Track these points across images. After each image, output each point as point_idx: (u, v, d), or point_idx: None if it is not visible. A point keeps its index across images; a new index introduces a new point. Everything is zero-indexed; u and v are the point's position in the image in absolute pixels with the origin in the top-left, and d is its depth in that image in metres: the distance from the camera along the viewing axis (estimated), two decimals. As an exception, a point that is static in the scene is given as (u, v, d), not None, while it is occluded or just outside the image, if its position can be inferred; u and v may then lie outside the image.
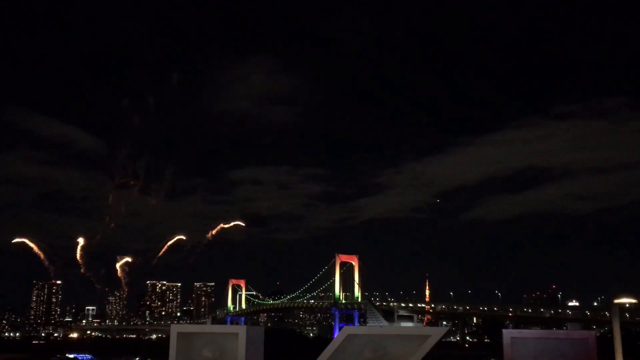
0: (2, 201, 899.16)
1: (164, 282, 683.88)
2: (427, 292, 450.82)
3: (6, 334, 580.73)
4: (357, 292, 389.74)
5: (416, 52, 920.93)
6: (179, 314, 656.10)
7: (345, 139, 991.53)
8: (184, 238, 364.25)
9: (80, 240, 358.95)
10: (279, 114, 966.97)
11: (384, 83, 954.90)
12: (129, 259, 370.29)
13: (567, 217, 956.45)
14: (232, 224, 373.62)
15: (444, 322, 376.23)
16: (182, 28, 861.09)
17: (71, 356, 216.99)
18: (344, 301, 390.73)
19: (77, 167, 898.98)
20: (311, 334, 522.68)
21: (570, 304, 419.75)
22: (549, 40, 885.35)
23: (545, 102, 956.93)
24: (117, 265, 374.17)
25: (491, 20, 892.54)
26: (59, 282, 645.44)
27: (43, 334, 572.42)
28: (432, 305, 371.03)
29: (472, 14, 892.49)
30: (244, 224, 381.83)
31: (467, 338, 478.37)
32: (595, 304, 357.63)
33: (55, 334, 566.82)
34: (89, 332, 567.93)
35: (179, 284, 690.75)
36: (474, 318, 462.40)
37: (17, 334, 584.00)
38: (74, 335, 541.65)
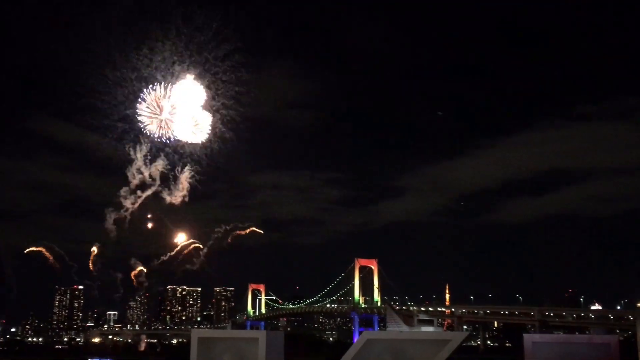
0: (25, 207, 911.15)
1: (184, 287, 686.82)
2: (447, 296, 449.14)
3: (29, 339, 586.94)
4: (376, 296, 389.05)
5: (436, 54, 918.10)
6: (199, 319, 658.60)
7: (364, 142, 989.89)
8: (200, 245, 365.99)
9: (95, 249, 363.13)
10: (298, 119, 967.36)
11: (404, 86, 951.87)
12: (143, 268, 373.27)
13: (589, 220, 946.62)
14: (248, 230, 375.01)
15: (464, 327, 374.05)
16: (200, 32, 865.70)
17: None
18: (363, 305, 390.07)
19: (97, 172, 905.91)
20: (331, 339, 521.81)
21: (593, 307, 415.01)
22: (570, 40, 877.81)
23: (567, 103, 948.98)
24: (132, 275, 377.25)
25: (511, 21, 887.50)
26: (80, 287, 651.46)
27: (65, 339, 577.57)
28: (452, 310, 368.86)
29: (492, 15, 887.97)
30: (261, 231, 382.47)
31: (488, 342, 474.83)
32: (618, 307, 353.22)
33: (77, 339, 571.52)
34: (110, 336, 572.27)
35: (199, 289, 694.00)
36: (495, 322, 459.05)
37: (40, 339, 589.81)
38: (96, 340, 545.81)
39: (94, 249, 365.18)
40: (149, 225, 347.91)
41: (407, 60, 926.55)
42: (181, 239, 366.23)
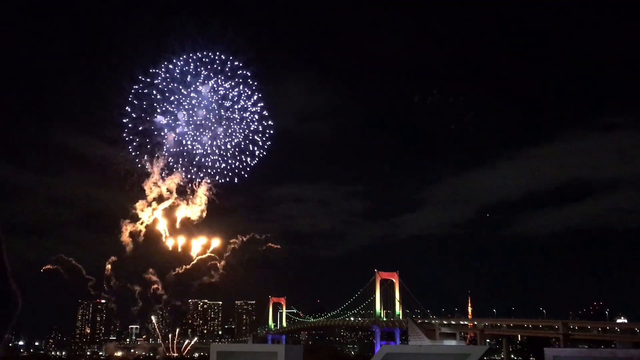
0: (51, 222, 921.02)
1: (206, 301, 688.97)
2: (470, 309, 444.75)
3: (53, 353, 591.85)
4: (397, 309, 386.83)
5: (455, 65, 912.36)
6: (220, 332, 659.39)
7: (386, 154, 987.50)
8: (217, 258, 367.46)
9: (109, 264, 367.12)
10: (319, 131, 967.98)
11: (424, 97, 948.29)
12: (157, 286, 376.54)
13: (613, 232, 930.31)
14: (265, 247, 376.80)
15: (487, 340, 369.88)
16: (219, 45, 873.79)
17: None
18: (384, 319, 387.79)
19: (120, 186, 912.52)
20: (352, 352, 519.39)
21: (619, 320, 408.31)
22: (593, 49, 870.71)
23: (591, 113, 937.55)
24: (152, 288, 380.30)
25: (532, 30, 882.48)
26: (103, 301, 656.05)
27: (88, 353, 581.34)
28: (475, 323, 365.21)
29: (511, 26, 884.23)
30: (278, 245, 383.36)
31: (512, 356, 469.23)
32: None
33: (100, 353, 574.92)
34: (132, 350, 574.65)
35: (220, 303, 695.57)
36: (519, 336, 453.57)
37: (64, 353, 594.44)
38: (119, 354, 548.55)
39: (109, 264, 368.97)
40: (164, 238, 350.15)
41: (428, 71, 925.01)
42: (197, 251, 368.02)
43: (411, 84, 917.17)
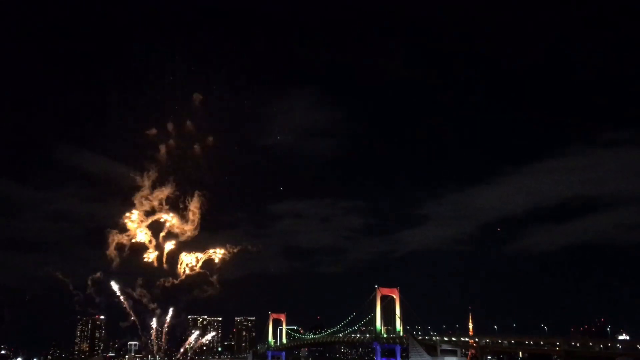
0: (52, 237, 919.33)
1: (205, 317, 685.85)
2: (471, 326, 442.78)
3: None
4: (398, 325, 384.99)
5: (458, 80, 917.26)
6: (220, 349, 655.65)
7: (387, 170, 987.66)
8: (208, 274, 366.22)
9: (92, 278, 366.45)
10: (320, 147, 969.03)
11: (426, 113, 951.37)
12: (145, 300, 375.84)
13: (616, 248, 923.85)
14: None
15: (489, 357, 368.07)
16: (223, 62, 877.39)
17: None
18: (385, 335, 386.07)
19: (122, 202, 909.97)
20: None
21: (621, 337, 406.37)
22: (596, 65, 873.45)
23: (593, 130, 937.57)
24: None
25: (535, 45, 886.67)
26: (102, 317, 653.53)
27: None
28: (476, 339, 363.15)
29: (514, 40, 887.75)
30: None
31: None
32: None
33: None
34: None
35: (220, 318, 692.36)
36: (520, 352, 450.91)
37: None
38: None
39: (96, 277, 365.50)
40: (152, 251, 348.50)
41: (430, 87, 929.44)
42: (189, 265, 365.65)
43: (414, 101, 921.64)
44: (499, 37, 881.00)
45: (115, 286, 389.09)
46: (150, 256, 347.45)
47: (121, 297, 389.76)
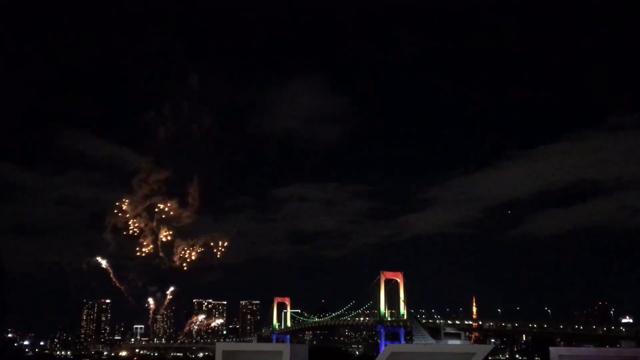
0: (56, 222, 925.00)
1: (210, 301, 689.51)
2: (475, 309, 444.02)
3: (58, 352, 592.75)
4: (402, 309, 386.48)
5: (463, 66, 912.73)
6: (225, 332, 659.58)
7: (391, 155, 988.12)
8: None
9: (103, 262, 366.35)
10: (325, 133, 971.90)
11: (431, 98, 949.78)
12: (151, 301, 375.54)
13: (621, 231, 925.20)
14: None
15: (492, 340, 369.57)
16: (230, 49, 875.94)
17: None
18: (389, 319, 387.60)
19: (126, 187, 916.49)
20: (357, 352, 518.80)
21: (624, 320, 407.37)
22: (601, 51, 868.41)
23: (599, 114, 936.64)
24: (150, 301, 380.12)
25: (540, 33, 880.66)
26: (107, 301, 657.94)
27: (93, 352, 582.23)
28: (480, 323, 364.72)
29: (519, 28, 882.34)
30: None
31: (517, 356, 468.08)
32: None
33: (105, 353, 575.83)
34: (137, 350, 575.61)
35: (225, 302, 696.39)
36: (523, 335, 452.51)
37: (69, 353, 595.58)
38: (123, 353, 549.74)
39: (93, 260, 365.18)
40: (147, 236, 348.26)
41: (436, 73, 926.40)
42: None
43: (420, 85, 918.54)
44: (506, 23, 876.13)
45: (109, 270, 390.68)
46: (147, 241, 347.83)
47: (117, 282, 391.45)
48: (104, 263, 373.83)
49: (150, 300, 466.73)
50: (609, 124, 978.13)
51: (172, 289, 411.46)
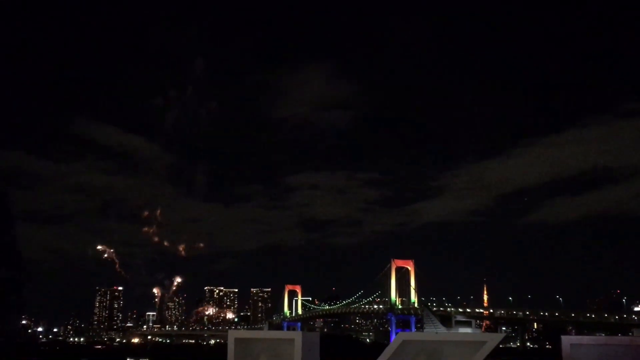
0: (69, 210, 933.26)
1: (222, 288, 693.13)
2: (486, 297, 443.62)
3: (71, 339, 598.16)
4: (413, 297, 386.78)
5: (475, 53, 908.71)
6: (236, 320, 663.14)
7: (403, 142, 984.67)
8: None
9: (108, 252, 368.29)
10: (336, 119, 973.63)
11: (443, 85, 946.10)
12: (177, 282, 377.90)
13: (634, 219, 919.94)
14: None
15: (504, 328, 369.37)
16: (241, 35, 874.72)
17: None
18: (400, 306, 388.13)
19: (140, 175, 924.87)
20: (368, 340, 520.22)
21: (636, 309, 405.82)
22: (615, 36, 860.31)
23: (613, 100, 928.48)
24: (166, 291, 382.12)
25: (552, 18, 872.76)
26: (120, 288, 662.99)
27: (105, 339, 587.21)
28: (491, 311, 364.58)
29: (531, 14, 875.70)
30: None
31: (528, 344, 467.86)
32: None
33: (118, 339, 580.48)
34: (149, 337, 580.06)
35: (236, 290, 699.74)
36: (535, 324, 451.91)
37: (82, 339, 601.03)
38: (135, 340, 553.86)
39: (100, 248, 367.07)
40: (188, 227, 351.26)
41: (448, 59, 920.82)
42: (222, 239, 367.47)
43: (431, 73, 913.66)
44: (516, 13, 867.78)
45: (115, 259, 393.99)
46: (153, 229, 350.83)
47: (123, 270, 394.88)
48: (111, 251, 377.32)
49: (155, 290, 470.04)
50: (623, 110, 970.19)
51: (178, 280, 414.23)
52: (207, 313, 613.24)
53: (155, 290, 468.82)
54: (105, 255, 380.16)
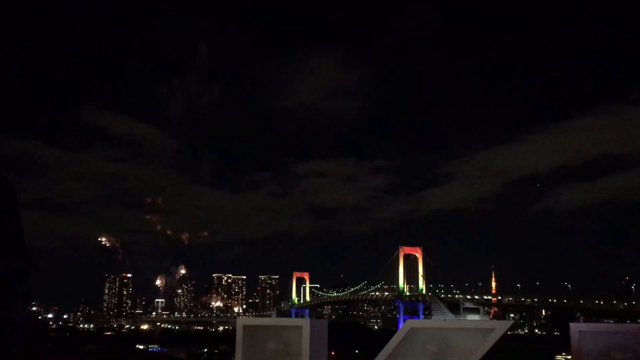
0: (78, 198, 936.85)
1: (230, 275, 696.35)
2: (494, 284, 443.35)
3: (81, 326, 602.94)
4: (421, 284, 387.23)
5: (485, 40, 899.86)
6: (244, 307, 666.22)
7: (412, 130, 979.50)
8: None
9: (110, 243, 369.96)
10: (345, 107, 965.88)
11: (452, 72, 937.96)
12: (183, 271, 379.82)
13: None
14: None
15: (512, 315, 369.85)
16: (251, 23, 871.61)
17: (141, 347, 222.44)
18: (408, 293, 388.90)
19: (148, 163, 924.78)
20: (376, 327, 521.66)
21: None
22: (625, 22, 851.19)
23: (623, 86, 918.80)
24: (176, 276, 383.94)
25: (566, 3, 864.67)
26: (129, 275, 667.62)
27: (115, 326, 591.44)
28: (499, 298, 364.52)
29: (541, 1, 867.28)
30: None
31: (537, 331, 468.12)
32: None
33: (127, 326, 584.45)
34: (158, 323, 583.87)
35: (244, 277, 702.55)
36: (543, 310, 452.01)
37: (92, 326, 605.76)
38: (145, 327, 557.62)
39: (104, 237, 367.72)
40: (199, 214, 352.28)
41: (458, 45, 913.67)
42: (230, 227, 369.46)
43: (441, 59, 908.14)
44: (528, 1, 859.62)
45: (119, 249, 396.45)
46: (157, 217, 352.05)
47: (126, 259, 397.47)
48: (114, 239, 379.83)
49: (158, 280, 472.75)
50: (634, 97, 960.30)
51: (183, 271, 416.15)
52: (213, 304, 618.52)
53: (158, 280, 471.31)
54: (108, 245, 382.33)
